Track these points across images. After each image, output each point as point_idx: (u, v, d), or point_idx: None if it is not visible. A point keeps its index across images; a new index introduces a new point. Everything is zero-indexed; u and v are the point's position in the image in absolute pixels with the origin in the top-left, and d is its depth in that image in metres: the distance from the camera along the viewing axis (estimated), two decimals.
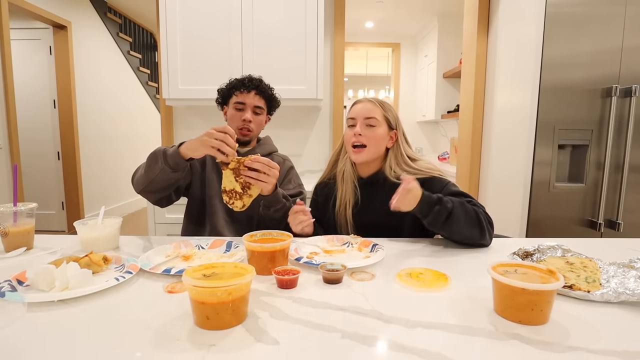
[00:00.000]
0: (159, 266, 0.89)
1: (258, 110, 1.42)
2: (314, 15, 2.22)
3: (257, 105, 1.41)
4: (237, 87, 1.41)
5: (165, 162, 1.15)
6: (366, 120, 1.22)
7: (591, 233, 1.99)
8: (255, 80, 1.42)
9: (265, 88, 1.42)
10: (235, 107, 1.40)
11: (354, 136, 1.21)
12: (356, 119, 1.23)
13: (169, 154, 1.15)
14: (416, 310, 0.70)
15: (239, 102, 1.40)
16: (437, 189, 1.16)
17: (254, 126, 1.41)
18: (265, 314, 0.68)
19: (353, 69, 7.27)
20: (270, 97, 1.45)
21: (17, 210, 1.02)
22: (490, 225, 1.09)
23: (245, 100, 1.39)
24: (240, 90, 1.40)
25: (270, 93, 1.44)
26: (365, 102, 1.25)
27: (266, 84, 1.44)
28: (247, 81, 1.40)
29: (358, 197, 1.25)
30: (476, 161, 2.62)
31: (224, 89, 1.45)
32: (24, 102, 3.77)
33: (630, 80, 1.88)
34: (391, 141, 1.25)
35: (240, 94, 1.40)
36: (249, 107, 1.40)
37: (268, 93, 1.43)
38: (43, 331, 0.62)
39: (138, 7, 5.00)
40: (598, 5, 1.87)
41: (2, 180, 3.19)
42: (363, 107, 1.24)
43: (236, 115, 1.40)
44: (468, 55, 2.64)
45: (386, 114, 1.24)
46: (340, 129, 2.68)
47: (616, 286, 0.74)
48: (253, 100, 1.40)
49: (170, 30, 2.21)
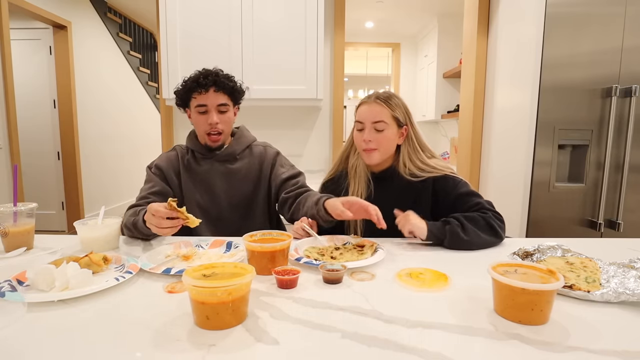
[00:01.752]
0: (159, 266, 0.89)
1: (223, 108, 1.29)
2: (314, 15, 2.22)
3: (220, 103, 1.28)
4: (193, 89, 1.27)
5: (140, 233, 1.11)
6: (374, 125, 1.20)
7: (591, 233, 1.99)
8: (211, 76, 1.27)
9: (223, 82, 1.28)
10: (198, 110, 1.29)
11: (364, 142, 1.21)
12: (364, 123, 1.22)
13: (139, 227, 1.08)
14: (416, 310, 0.70)
15: (199, 105, 1.28)
16: (450, 187, 1.19)
17: (222, 127, 1.30)
18: (265, 314, 0.68)
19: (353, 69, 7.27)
20: (232, 89, 1.31)
21: (17, 210, 1.02)
22: (502, 222, 1.13)
23: (205, 101, 1.27)
24: (197, 91, 1.27)
25: (232, 85, 1.30)
26: (372, 104, 1.22)
27: (224, 75, 1.30)
28: (202, 79, 1.26)
29: (371, 191, 1.25)
30: (476, 161, 2.62)
31: (180, 91, 1.32)
32: (24, 102, 3.77)
33: (630, 80, 1.88)
34: (402, 138, 1.25)
35: (198, 95, 1.27)
36: (212, 108, 1.28)
37: (229, 86, 1.29)
38: (43, 331, 0.62)
39: (138, 7, 4.99)
40: (598, 5, 1.87)
41: (2, 180, 3.19)
42: (370, 111, 1.21)
43: (201, 119, 1.29)
44: (468, 55, 2.64)
45: (394, 113, 1.21)
46: (340, 129, 2.68)
47: (616, 286, 0.74)
48: (215, 99, 1.27)
49: (170, 30, 2.21)
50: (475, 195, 1.18)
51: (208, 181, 1.35)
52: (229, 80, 1.30)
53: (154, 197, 1.28)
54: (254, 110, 2.54)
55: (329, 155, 2.71)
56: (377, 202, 1.23)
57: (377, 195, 1.25)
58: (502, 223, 1.13)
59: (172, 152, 1.42)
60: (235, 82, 1.33)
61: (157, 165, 1.36)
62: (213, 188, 1.35)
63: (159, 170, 1.36)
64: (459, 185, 1.19)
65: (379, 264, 0.93)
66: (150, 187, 1.31)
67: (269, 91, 2.27)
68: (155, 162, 1.38)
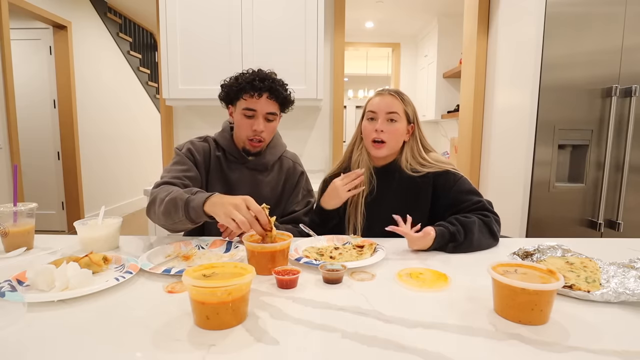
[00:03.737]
0: (159, 266, 0.89)
1: (271, 117, 1.22)
2: (314, 15, 2.22)
3: (270, 112, 1.21)
4: (245, 90, 1.19)
5: (187, 214, 0.99)
6: (388, 115, 1.20)
7: (591, 233, 1.99)
8: (267, 80, 1.19)
9: (278, 90, 1.21)
10: (244, 113, 1.20)
11: (375, 132, 1.20)
12: (377, 113, 1.21)
13: (191, 207, 0.97)
14: (416, 310, 0.70)
15: (248, 109, 1.20)
16: (450, 182, 1.19)
17: (266, 135, 1.23)
18: (265, 314, 0.68)
19: (353, 69, 7.28)
20: (285, 99, 1.24)
21: (17, 210, 1.02)
22: (499, 225, 1.13)
23: (255, 106, 1.19)
24: (249, 93, 1.18)
25: (285, 95, 1.24)
26: (386, 96, 1.22)
27: (279, 82, 1.23)
28: (258, 82, 1.18)
29: (374, 186, 1.25)
30: (476, 161, 2.62)
31: (231, 87, 1.23)
32: (24, 102, 3.77)
33: (630, 80, 1.88)
34: (408, 135, 1.26)
35: (249, 99, 1.19)
36: (260, 115, 1.20)
37: (282, 95, 1.22)
38: (43, 331, 0.62)
39: (138, 7, 4.99)
40: (598, 5, 1.87)
41: (2, 180, 3.19)
42: (385, 101, 1.21)
43: (245, 123, 1.21)
44: (468, 55, 2.64)
45: (406, 108, 1.23)
46: (340, 129, 2.68)
47: (616, 286, 0.74)
48: (265, 107, 1.20)
49: (170, 30, 2.21)
50: (475, 193, 1.19)
51: (234, 187, 1.27)
52: (283, 88, 1.23)
53: (188, 181, 1.18)
54: None
55: (329, 155, 2.71)
56: (379, 197, 1.23)
57: (379, 189, 1.25)
58: (500, 225, 1.14)
59: (204, 143, 1.30)
60: (288, 90, 1.26)
61: (190, 150, 1.25)
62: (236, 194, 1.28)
63: (192, 156, 1.24)
64: (459, 182, 1.19)
65: (379, 264, 0.93)
66: (185, 170, 1.20)
67: None
68: (187, 146, 1.26)
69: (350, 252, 1.02)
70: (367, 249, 1.02)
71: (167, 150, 2.62)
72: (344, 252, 1.02)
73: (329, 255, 1.00)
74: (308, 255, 0.99)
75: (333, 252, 1.02)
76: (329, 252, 1.02)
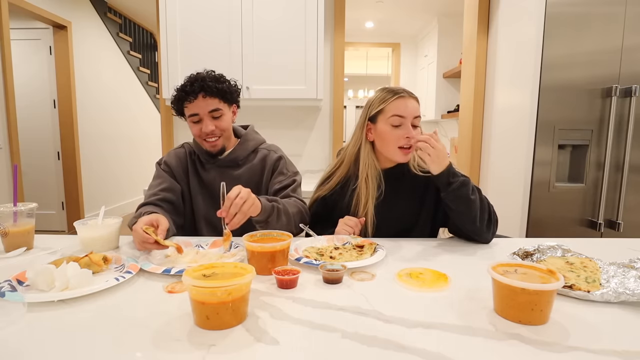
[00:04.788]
0: (159, 266, 0.89)
1: (216, 113, 1.23)
2: (314, 15, 2.22)
3: (212, 109, 1.22)
4: (183, 99, 1.21)
5: None
6: (414, 120, 1.17)
7: (591, 233, 1.99)
8: (198, 82, 1.19)
9: (210, 85, 1.20)
10: (192, 120, 1.24)
11: (406, 138, 1.14)
12: (406, 118, 1.15)
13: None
14: (416, 310, 0.70)
15: (192, 115, 1.22)
16: None
17: (219, 131, 1.25)
18: (265, 314, 0.68)
19: (353, 69, 7.28)
20: (223, 91, 1.23)
21: (17, 210, 1.02)
22: (496, 221, 1.12)
23: (196, 110, 1.21)
24: (187, 99, 1.20)
25: (221, 87, 1.22)
26: (411, 100, 1.17)
27: (212, 78, 1.22)
28: (189, 86, 1.19)
29: (382, 191, 1.22)
30: (476, 161, 2.62)
31: (173, 101, 1.26)
32: (24, 102, 3.77)
33: (630, 80, 1.88)
34: None
35: (189, 104, 1.21)
36: (204, 116, 1.22)
37: (218, 88, 1.21)
38: (43, 331, 0.62)
39: (138, 7, 4.99)
40: (598, 5, 1.87)
41: (2, 180, 3.19)
42: (413, 106, 1.17)
43: (195, 128, 1.24)
44: (468, 55, 2.64)
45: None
46: (340, 128, 2.68)
47: (616, 286, 0.74)
48: (205, 106, 1.21)
49: (170, 30, 2.21)
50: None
51: (209, 186, 1.33)
52: (218, 82, 1.22)
53: (164, 193, 1.27)
54: (254, 110, 2.54)
55: (329, 155, 2.71)
56: (386, 200, 1.22)
57: (387, 193, 1.23)
58: (497, 226, 1.13)
59: (181, 149, 1.38)
60: (227, 81, 1.26)
61: (166, 162, 1.34)
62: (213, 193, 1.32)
63: (167, 167, 1.33)
64: None
65: (379, 264, 0.93)
66: (160, 184, 1.29)
67: (269, 91, 2.27)
68: (165, 159, 1.36)
69: (350, 252, 1.02)
70: (367, 249, 1.02)
71: (167, 150, 2.62)
72: (344, 252, 1.02)
73: (329, 255, 1.00)
74: (308, 255, 0.99)
75: (333, 252, 1.02)
76: (329, 252, 1.02)
